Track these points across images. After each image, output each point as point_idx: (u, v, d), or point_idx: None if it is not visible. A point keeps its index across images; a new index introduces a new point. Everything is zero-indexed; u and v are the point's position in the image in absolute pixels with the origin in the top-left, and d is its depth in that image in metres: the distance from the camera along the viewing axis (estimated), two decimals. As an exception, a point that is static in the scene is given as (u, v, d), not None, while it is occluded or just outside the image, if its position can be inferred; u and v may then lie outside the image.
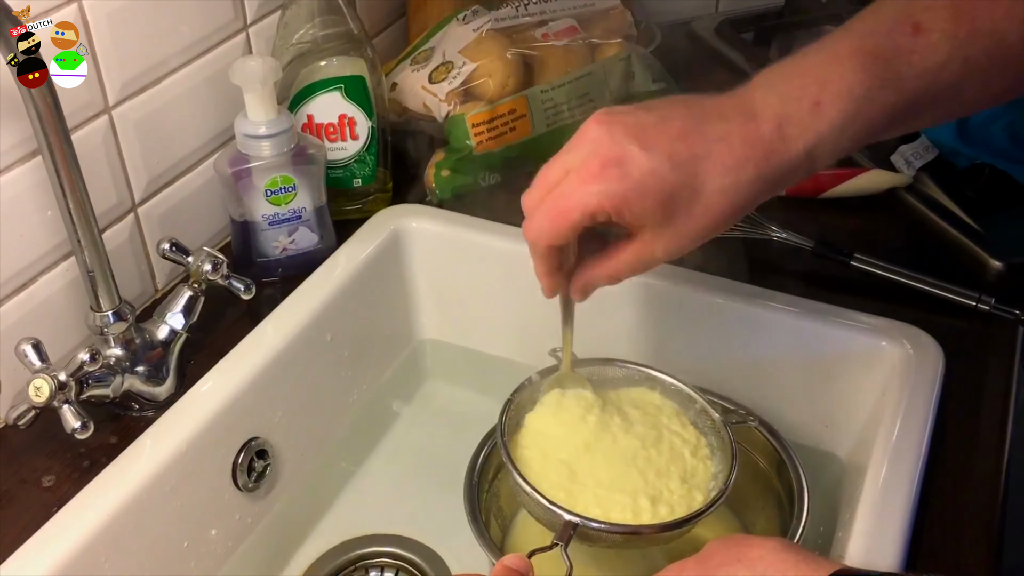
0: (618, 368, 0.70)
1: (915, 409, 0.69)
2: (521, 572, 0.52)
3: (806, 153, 0.56)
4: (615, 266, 0.60)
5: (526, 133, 0.96)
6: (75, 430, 0.65)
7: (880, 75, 0.55)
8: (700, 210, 0.56)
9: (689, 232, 0.57)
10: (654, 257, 0.58)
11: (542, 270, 0.62)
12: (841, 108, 0.55)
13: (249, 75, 0.79)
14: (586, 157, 0.56)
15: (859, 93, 0.55)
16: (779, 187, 0.57)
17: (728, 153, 0.55)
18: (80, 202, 0.66)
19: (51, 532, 0.62)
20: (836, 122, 0.55)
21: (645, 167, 0.55)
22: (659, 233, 0.57)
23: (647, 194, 0.55)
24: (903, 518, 0.62)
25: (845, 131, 0.56)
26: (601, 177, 0.55)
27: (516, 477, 0.62)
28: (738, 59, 1.19)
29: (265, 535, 0.77)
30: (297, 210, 0.84)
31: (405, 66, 1.02)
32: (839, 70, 0.56)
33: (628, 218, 0.56)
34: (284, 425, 0.78)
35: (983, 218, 0.87)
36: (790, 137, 0.55)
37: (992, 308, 0.78)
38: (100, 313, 0.70)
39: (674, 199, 0.55)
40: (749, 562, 0.49)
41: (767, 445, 0.72)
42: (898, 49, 0.56)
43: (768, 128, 0.55)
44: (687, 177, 0.55)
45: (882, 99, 0.56)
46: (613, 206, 0.55)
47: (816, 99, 0.55)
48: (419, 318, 0.93)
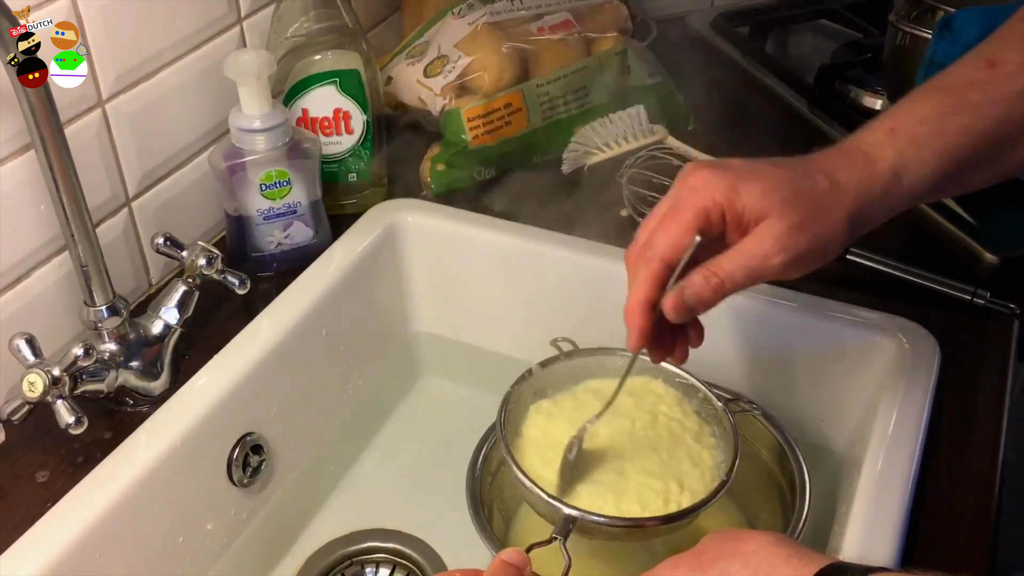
0: (620, 357, 0.70)
1: (911, 403, 0.69)
2: (519, 566, 0.52)
3: (890, 171, 0.58)
4: (718, 263, 0.56)
5: (522, 127, 0.96)
6: (69, 425, 0.64)
7: (952, 102, 0.59)
8: (814, 208, 0.56)
9: (811, 226, 0.55)
10: (763, 250, 0.55)
11: (640, 299, 0.57)
12: (915, 131, 0.58)
13: (243, 69, 0.79)
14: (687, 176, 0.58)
15: (931, 117, 0.59)
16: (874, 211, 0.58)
17: (827, 165, 0.58)
18: (73, 196, 0.65)
19: (45, 528, 0.62)
20: (912, 142, 0.58)
21: (751, 164, 0.57)
22: (773, 223, 0.55)
23: (758, 179, 0.56)
24: (899, 511, 0.62)
25: (922, 150, 0.58)
26: (707, 176, 0.56)
27: (516, 471, 0.62)
28: (733, 53, 1.20)
29: (260, 530, 0.77)
30: (292, 204, 0.84)
31: (400, 60, 1.01)
32: (911, 104, 0.60)
33: (740, 204, 0.55)
34: (279, 420, 0.78)
35: (979, 212, 0.87)
36: (872, 156, 0.58)
37: (988, 302, 0.79)
38: (94, 308, 0.69)
39: (784, 188, 0.56)
40: (743, 556, 0.49)
41: (769, 437, 0.72)
42: (971, 81, 0.60)
43: (853, 151, 0.58)
44: (796, 174, 0.57)
45: (958, 121, 0.58)
46: (726, 196, 0.55)
47: (890, 127, 0.59)
48: (415, 313, 0.93)
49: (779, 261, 0.55)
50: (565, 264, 0.85)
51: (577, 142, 0.95)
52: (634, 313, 0.57)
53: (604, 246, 0.84)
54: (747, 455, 0.64)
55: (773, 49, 1.25)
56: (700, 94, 1.05)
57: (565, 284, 0.85)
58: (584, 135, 0.95)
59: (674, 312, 0.56)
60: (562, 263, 0.85)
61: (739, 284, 0.56)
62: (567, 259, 0.84)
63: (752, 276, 0.56)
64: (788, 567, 0.47)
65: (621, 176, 0.92)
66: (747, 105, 1.10)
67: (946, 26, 0.90)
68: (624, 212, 0.90)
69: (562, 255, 0.85)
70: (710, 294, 0.56)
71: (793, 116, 1.08)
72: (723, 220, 0.56)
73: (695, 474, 0.64)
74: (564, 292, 0.85)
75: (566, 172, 0.95)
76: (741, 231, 0.56)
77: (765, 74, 1.14)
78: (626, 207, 0.90)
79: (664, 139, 0.95)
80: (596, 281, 0.83)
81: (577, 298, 0.84)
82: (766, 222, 0.55)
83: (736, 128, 1.00)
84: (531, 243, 0.86)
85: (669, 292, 0.56)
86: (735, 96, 1.11)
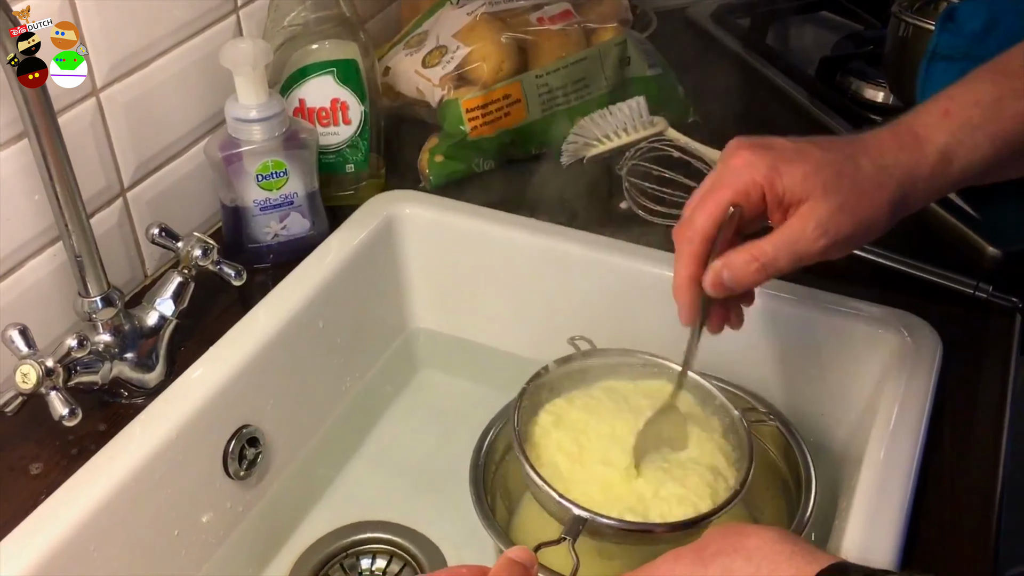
0: (638, 360, 0.69)
1: (912, 396, 0.69)
2: (526, 565, 0.51)
3: (940, 153, 0.57)
4: (760, 247, 0.56)
5: (521, 118, 0.95)
6: (63, 417, 0.64)
7: (1009, 86, 0.58)
8: (857, 191, 0.55)
9: (854, 209, 0.55)
10: (805, 233, 0.55)
11: (685, 276, 0.58)
12: (969, 113, 0.58)
13: (240, 58, 0.78)
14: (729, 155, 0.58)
15: (987, 101, 0.58)
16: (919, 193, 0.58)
17: (875, 146, 0.57)
18: (67, 186, 0.65)
19: (39, 520, 0.62)
20: (966, 124, 0.58)
21: (795, 144, 0.57)
22: (814, 206, 0.55)
23: (801, 161, 0.55)
24: (900, 506, 0.61)
25: (976, 133, 0.57)
26: (749, 156, 0.56)
27: (527, 468, 0.62)
28: (734, 45, 1.19)
29: (256, 523, 0.76)
30: (289, 195, 0.83)
31: (398, 50, 1.01)
32: (967, 85, 0.60)
33: (781, 185, 0.55)
34: (276, 413, 0.77)
35: (981, 206, 0.86)
36: (923, 138, 0.57)
37: (990, 296, 0.78)
38: (88, 299, 0.69)
39: (826, 170, 0.55)
40: (746, 552, 0.48)
41: (776, 433, 0.71)
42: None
43: (904, 131, 0.58)
44: (841, 157, 0.56)
45: (1014, 108, 0.58)
46: (765, 176, 0.55)
47: (945, 108, 0.59)
48: (412, 306, 0.93)
49: (822, 245, 0.56)
50: (564, 257, 0.84)
51: (576, 133, 0.95)
52: (682, 290, 0.59)
53: (605, 239, 0.84)
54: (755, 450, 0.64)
55: (774, 41, 1.24)
56: (701, 86, 1.04)
57: (564, 277, 0.85)
58: (584, 126, 0.95)
59: (714, 290, 0.59)
60: (562, 256, 0.84)
61: (781, 268, 0.57)
62: (567, 252, 0.84)
63: (795, 259, 0.57)
64: (790, 565, 0.47)
65: (621, 168, 0.91)
66: (748, 97, 1.09)
67: (949, 17, 0.90)
68: (624, 204, 0.90)
69: (562, 248, 0.84)
70: (750, 277, 0.57)
71: (794, 108, 1.07)
72: (763, 200, 0.57)
73: (732, 472, 0.64)
74: (563, 285, 0.85)
75: (565, 164, 0.95)
76: (782, 212, 0.57)
77: (766, 66, 1.14)
78: (626, 199, 0.89)
79: (664, 131, 0.94)
80: (597, 274, 0.83)
81: (577, 292, 0.84)
82: (807, 205, 0.56)
83: (737, 120, 0.99)
84: (530, 236, 0.85)
85: (709, 269, 0.58)
86: (736, 88, 1.10)
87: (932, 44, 0.91)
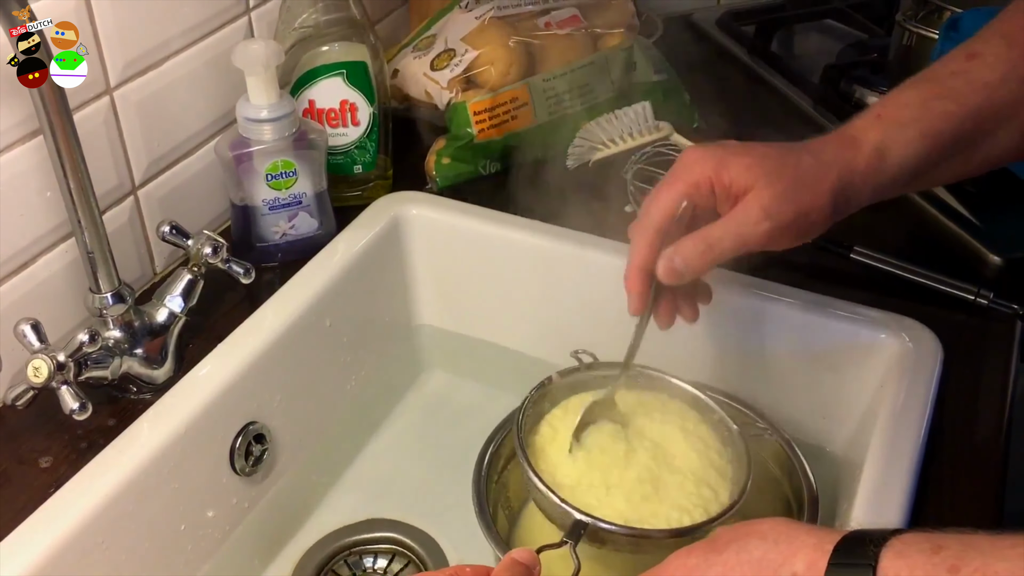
0: (637, 373, 0.70)
1: (913, 402, 0.69)
2: (528, 566, 0.52)
3: (874, 148, 0.62)
4: (708, 231, 0.60)
5: (528, 122, 0.96)
6: (73, 411, 0.65)
7: (935, 90, 0.63)
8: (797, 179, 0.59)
9: (789, 195, 0.59)
10: (749, 217, 0.59)
11: (636, 264, 0.62)
12: (899, 114, 0.63)
13: (251, 58, 0.79)
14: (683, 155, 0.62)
15: (914, 102, 0.63)
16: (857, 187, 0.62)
17: (816, 145, 0.62)
18: (81, 183, 0.65)
19: (48, 513, 0.62)
20: (896, 123, 0.62)
21: (742, 144, 0.61)
22: (758, 193, 0.59)
23: (745, 155, 0.60)
24: (900, 511, 0.62)
25: (906, 130, 0.62)
26: (699, 154, 0.61)
27: (530, 474, 0.62)
28: (739, 52, 1.20)
29: (261, 519, 0.77)
30: (297, 195, 0.84)
31: (407, 53, 1.01)
32: (897, 92, 0.65)
33: (728, 176, 0.59)
34: (282, 410, 0.78)
35: (983, 213, 0.87)
36: (858, 137, 0.62)
37: (991, 302, 0.79)
38: (99, 295, 0.69)
39: (769, 161, 0.59)
40: (759, 534, 0.48)
41: (779, 450, 0.71)
42: (953, 72, 0.64)
43: (841, 133, 0.63)
44: (783, 151, 0.61)
45: (940, 107, 0.63)
46: (713, 169, 0.59)
47: (878, 113, 0.64)
48: (418, 305, 0.93)
49: (765, 228, 0.59)
50: (570, 259, 0.85)
51: (582, 137, 0.95)
52: (632, 278, 0.63)
53: (609, 241, 0.84)
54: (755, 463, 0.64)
55: (779, 48, 1.25)
56: (705, 92, 1.05)
57: (568, 278, 0.85)
58: (589, 130, 0.95)
59: (665, 275, 0.62)
60: (567, 258, 0.85)
61: (727, 250, 0.60)
62: (572, 254, 0.85)
63: (740, 243, 0.60)
64: (810, 536, 0.47)
65: (626, 172, 0.92)
66: (752, 103, 1.10)
67: (953, 26, 0.91)
68: (628, 208, 0.90)
69: (567, 250, 0.85)
70: (698, 260, 0.60)
71: (798, 115, 1.08)
72: (712, 193, 0.60)
73: (725, 486, 0.64)
74: (567, 286, 0.85)
75: (571, 167, 0.95)
76: (731, 202, 0.60)
77: (771, 73, 1.15)
78: (630, 203, 0.90)
79: (669, 136, 0.95)
80: (600, 275, 0.83)
81: (582, 292, 0.84)
82: (753, 192, 0.59)
83: (741, 126, 1.00)
84: (535, 237, 0.86)
85: (661, 257, 0.61)
86: (740, 94, 1.11)
87: (935, 53, 0.92)
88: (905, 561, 0.43)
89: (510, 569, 0.52)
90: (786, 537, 0.48)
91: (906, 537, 0.44)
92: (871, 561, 0.43)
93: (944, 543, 0.43)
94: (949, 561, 0.42)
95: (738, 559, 0.48)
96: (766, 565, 0.47)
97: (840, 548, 0.45)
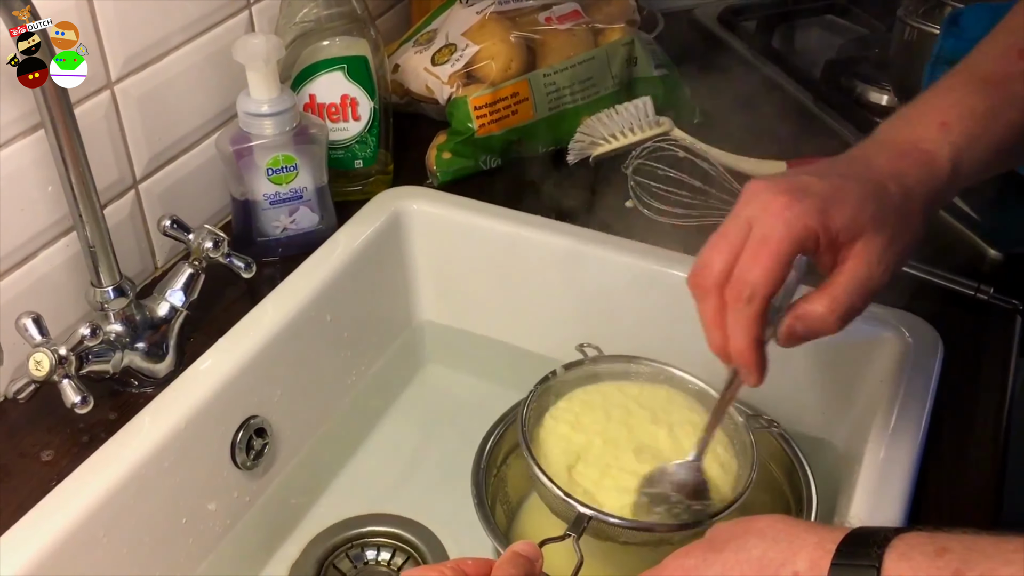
0: (643, 366, 0.70)
1: (913, 397, 0.69)
2: (531, 558, 0.52)
3: (952, 168, 0.57)
4: (833, 295, 0.54)
5: (528, 117, 0.96)
6: (75, 405, 0.65)
7: (998, 97, 0.59)
8: (900, 219, 0.55)
9: (900, 237, 0.55)
10: (872, 270, 0.54)
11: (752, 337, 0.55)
12: (967, 127, 0.58)
13: (252, 53, 0.79)
14: (765, 201, 0.54)
15: (981, 112, 0.58)
16: (939, 204, 0.58)
17: (894, 168, 0.56)
18: (82, 177, 0.66)
19: (49, 506, 0.62)
20: (966, 135, 0.58)
21: (829, 183, 0.54)
22: (870, 243, 0.54)
23: (845, 200, 0.54)
24: (899, 507, 0.62)
25: (976, 145, 0.58)
26: (792, 201, 0.53)
27: (534, 468, 0.63)
28: (740, 47, 1.19)
29: (263, 513, 0.77)
30: (298, 190, 0.84)
31: (408, 47, 1.02)
32: (957, 96, 0.59)
33: (835, 228, 0.53)
34: (283, 404, 0.78)
35: (983, 208, 0.87)
36: (932, 154, 0.57)
37: (990, 297, 0.79)
38: (101, 289, 0.70)
39: (869, 204, 0.54)
40: (758, 532, 0.48)
41: (781, 453, 0.71)
42: (1008, 75, 0.60)
43: (911, 150, 0.57)
44: (873, 188, 0.55)
45: (1005, 116, 0.59)
46: (819, 221, 0.53)
47: (941, 120, 0.58)
48: (418, 300, 0.93)
49: (886, 279, 0.55)
50: (570, 254, 0.85)
51: (583, 132, 0.96)
52: (749, 354, 0.55)
53: (611, 237, 0.85)
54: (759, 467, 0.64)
55: (780, 43, 1.25)
56: (706, 87, 1.05)
57: (569, 273, 0.85)
58: (590, 125, 0.95)
59: (787, 344, 0.56)
60: (567, 253, 0.85)
61: (858, 311, 0.55)
62: (572, 249, 0.85)
63: (868, 299, 0.55)
64: (811, 534, 0.46)
65: (627, 167, 0.92)
66: (753, 99, 1.10)
67: (954, 22, 0.91)
68: (629, 203, 0.90)
69: (567, 245, 0.85)
70: (830, 327, 0.55)
71: (799, 111, 1.08)
72: (817, 245, 0.54)
73: (729, 480, 0.64)
74: (568, 281, 0.85)
75: (572, 162, 0.95)
76: (832, 254, 0.55)
77: (772, 68, 1.14)
78: (631, 198, 0.90)
79: (670, 131, 0.95)
80: (602, 271, 0.83)
81: (581, 287, 0.84)
82: (862, 242, 0.54)
83: (741, 122, 1.00)
84: (536, 232, 0.86)
85: (782, 323, 0.55)
86: (741, 90, 1.10)
87: (937, 48, 0.91)
88: (909, 563, 0.43)
89: (512, 562, 0.52)
90: (786, 535, 0.47)
91: (909, 538, 0.44)
92: (875, 563, 0.43)
93: (948, 545, 0.42)
94: (953, 565, 0.41)
95: (737, 558, 0.47)
96: (767, 564, 0.46)
97: (843, 548, 0.45)
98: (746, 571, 0.47)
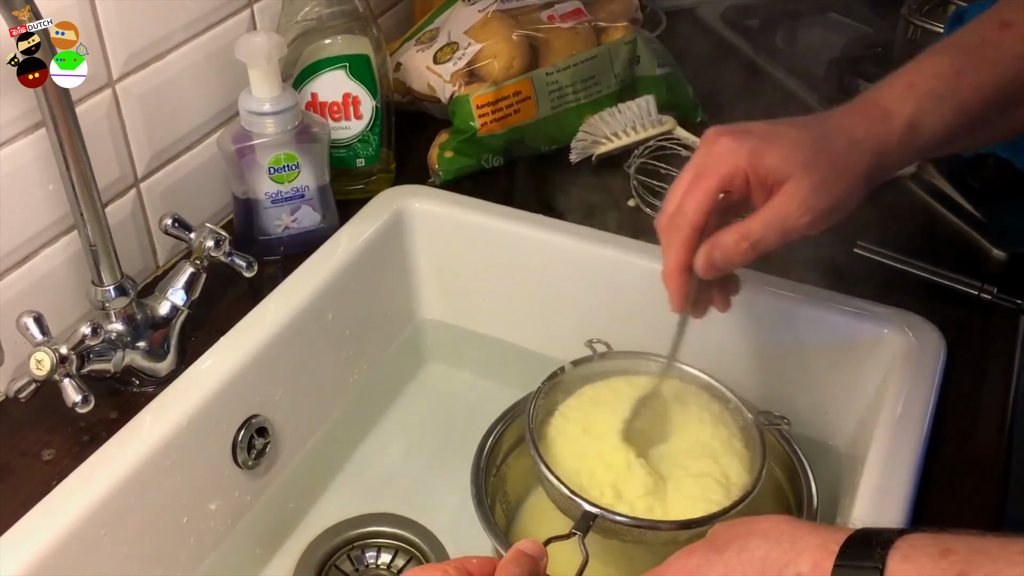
0: (653, 362, 0.70)
1: (916, 397, 0.69)
2: (535, 557, 0.52)
3: (907, 124, 0.60)
4: (748, 226, 0.59)
5: (530, 115, 0.95)
6: (76, 404, 0.65)
7: (968, 60, 0.61)
8: (834, 167, 0.58)
9: (832, 185, 0.58)
10: (791, 211, 0.58)
11: (676, 263, 0.60)
12: (932, 86, 0.61)
13: (254, 51, 0.78)
14: (710, 144, 0.59)
15: (948, 73, 0.61)
16: (890, 164, 0.61)
17: (845, 121, 0.60)
18: (83, 176, 0.65)
19: (50, 505, 0.62)
20: (930, 95, 0.60)
21: (772, 128, 0.59)
22: (797, 185, 0.57)
23: (780, 143, 0.58)
24: (902, 507, 0.62)
25: (940, 104, 0.60)
26: (730, 143, 0.58)
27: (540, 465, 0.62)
28: (743, 45, 1.19)
29: (264, 513, 0.77)
30: (300, 188, 0.84)
31: (410, 46, 1.01)
32: (927, 60, 0.63)
33: (764, 168, 0.57)
34: (284, 403, 0.78)
35: (987, 207, 0.87)
36: (890, 111, 0.60)
37: (994, 297, 0.79)
38: (102, 288, 0.69)
39: (804, 149, 0.57)
40: (760, 533, 0.48)
41: (783, 453, 0.71)
42: (985, 41, 0.62)
43: (871, 106, 0.60)
44: (816, 135, 0.59)
45: (972, 78, 0.61)
46: (748, 161, 0.57)
47: (909, 82, 0.61)
48: (420, 299, 0.93)
49: (806, 220, 0.58)
50: (573, 253, 0.85)
51: (586, 131, 0.95)
52: (672, 277, 0.61)
53: (612, 235, 0.84)
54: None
55: (783, 42, 1.25)
56: (709, 86, 1.05)
57: (571, 272, 0.85)
58: (593, 124, 0.95)
59: (705, 271, 0.61)
60: (569, 251, 0.85)
61: (769, 244, 0.59)
62: (575, 248, 0.84)
63: (781, 236, 0.59)
64: (814, 536, 0.46)
65: (629, 166, 0.92)
66: (756, 97, 1.09)
67: (958, 20, 0.90)
68: (632, 202, 0.90)
69: (570, 244, 0.85)
70: (740, 256, 0.59)
71: (802, 109, 1.07)
72: (747, 184, 0.59)
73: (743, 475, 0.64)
74: (570, 280, 0.85)
75: (574, 161, 0.95)
76: (766, 192, 0.59)
77: (775, 67, 1.14)
78: (634, 197, 0.90)
79: (673, 130, 0.95)
80: (604, 269, 0.83)
81: (583, 286, 0.84)
82: (790, 183, 0.58)
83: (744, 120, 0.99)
84: (538, 231, 0.86)
85: (699, 252, 0.60)
86: (744, 88, 1.10)
87: (941, 47, 0.91)
88: (912, 565, 0.42)
89: (517, 560, 0.51)
90: (789, 536, 0.47)
91: (913, 539, 0.44)
92: (878, 564, 0.43)
93: (952, 546, 0.42)
94: (958, 566, 0.41)
95: (739, 559, 0.47)
96: (769, 565, 0.46)
97: (846, 549, 0.45)
98: (748, 572, 0.47)
